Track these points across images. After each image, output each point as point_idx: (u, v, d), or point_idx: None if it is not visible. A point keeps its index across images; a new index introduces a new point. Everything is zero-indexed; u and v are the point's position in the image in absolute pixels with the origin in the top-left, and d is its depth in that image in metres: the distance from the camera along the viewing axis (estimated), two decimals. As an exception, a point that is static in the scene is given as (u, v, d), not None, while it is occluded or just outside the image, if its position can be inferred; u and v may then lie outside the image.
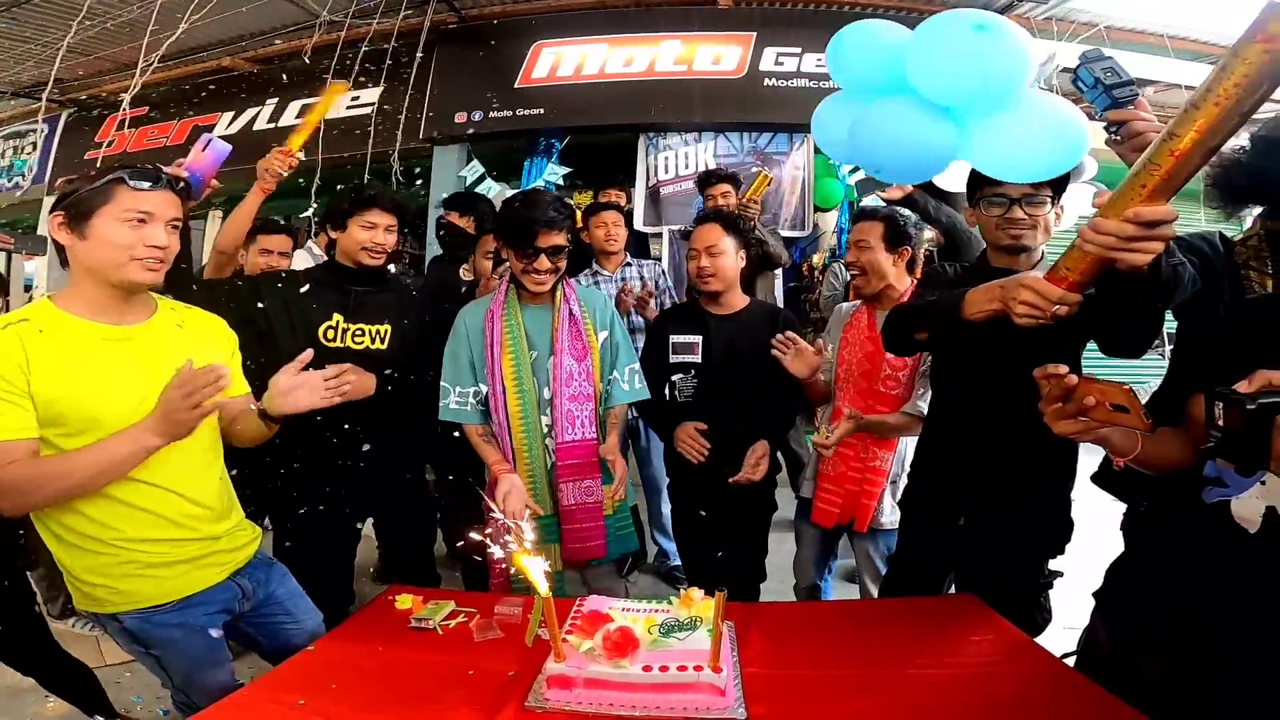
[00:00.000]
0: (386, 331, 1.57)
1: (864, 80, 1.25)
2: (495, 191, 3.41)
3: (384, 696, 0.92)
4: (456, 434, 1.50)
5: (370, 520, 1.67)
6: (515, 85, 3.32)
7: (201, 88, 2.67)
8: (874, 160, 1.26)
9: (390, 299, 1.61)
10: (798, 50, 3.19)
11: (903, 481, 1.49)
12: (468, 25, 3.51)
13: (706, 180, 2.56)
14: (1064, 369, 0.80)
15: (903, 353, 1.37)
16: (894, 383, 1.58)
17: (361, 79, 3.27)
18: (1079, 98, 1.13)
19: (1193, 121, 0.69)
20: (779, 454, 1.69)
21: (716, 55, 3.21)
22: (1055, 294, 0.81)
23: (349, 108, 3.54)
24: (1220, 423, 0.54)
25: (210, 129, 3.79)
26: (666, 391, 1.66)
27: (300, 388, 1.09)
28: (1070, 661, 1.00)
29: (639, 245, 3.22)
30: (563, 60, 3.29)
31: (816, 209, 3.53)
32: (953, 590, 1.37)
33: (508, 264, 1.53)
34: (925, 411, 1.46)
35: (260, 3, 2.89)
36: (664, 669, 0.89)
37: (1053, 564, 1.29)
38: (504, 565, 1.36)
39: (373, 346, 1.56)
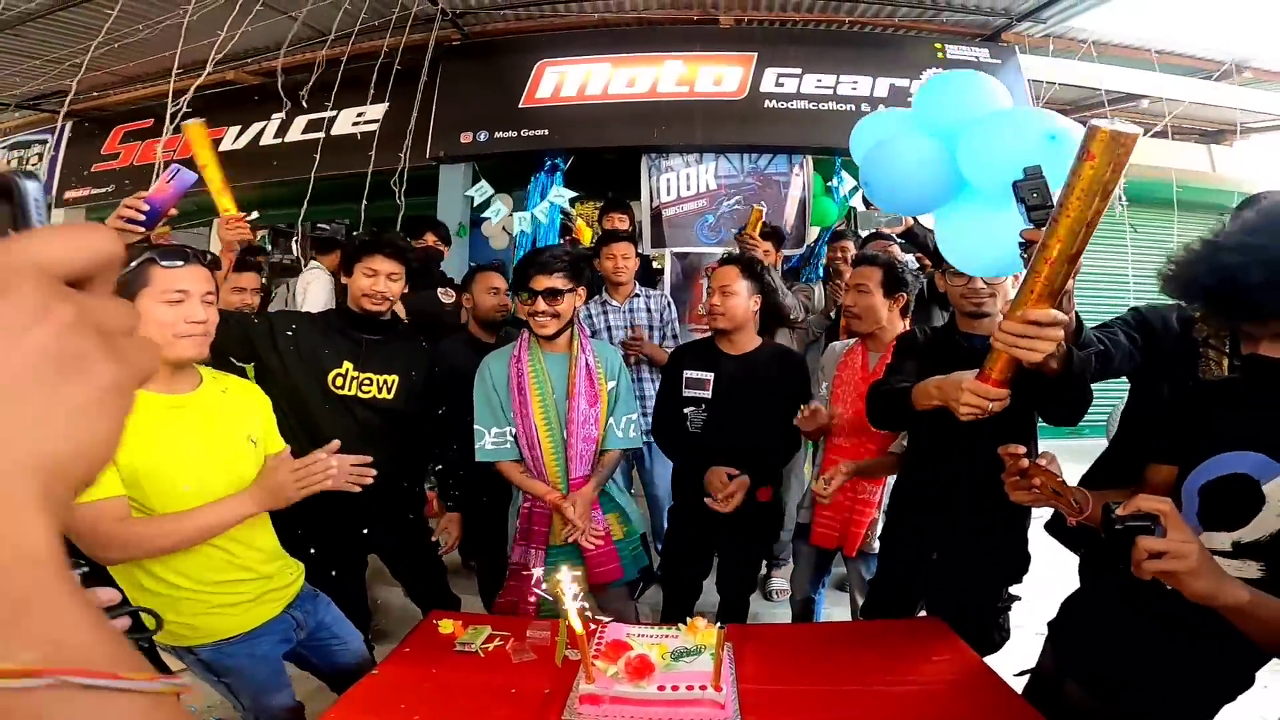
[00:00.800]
0: (394, 382, 1.70)
1: (933, 123, 1.37)
2: (503, 214, 3.59)
3: (446, 714, 1.14)
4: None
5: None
6: (520, 105, 3.47)
7: (206, 101, 2.80)
8: (883, 191, 1.44)
9: (401, 349, 1.75)
10: (798, 71, 3.35)
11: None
12: (472, 42, 3.65)
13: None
14: (1021, 450, 1.01)
15: (887, 428, 1.55)
16: None
17: (355, 94, 3.38)
18: None
19: (1055, 234, 0.86)
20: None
21: (718, 76, 3.36)
22: (993, 394, 0.99)
23: (354, 124, 3.67)
24: (1102, 530, 0.75)
25: (217, 143, 3.91)
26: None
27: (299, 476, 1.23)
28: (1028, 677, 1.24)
29: (643, 267, 3.41)
30: (566, 80, 3.44)
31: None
32: (923, 612, 1.61)
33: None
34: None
35: (266, 21, 3.01)
36: (675, 688, 1.12)
37: (1014, 589, 1.53)
38: (534, 599, 1.55)
39: (379, 396, 1.68)
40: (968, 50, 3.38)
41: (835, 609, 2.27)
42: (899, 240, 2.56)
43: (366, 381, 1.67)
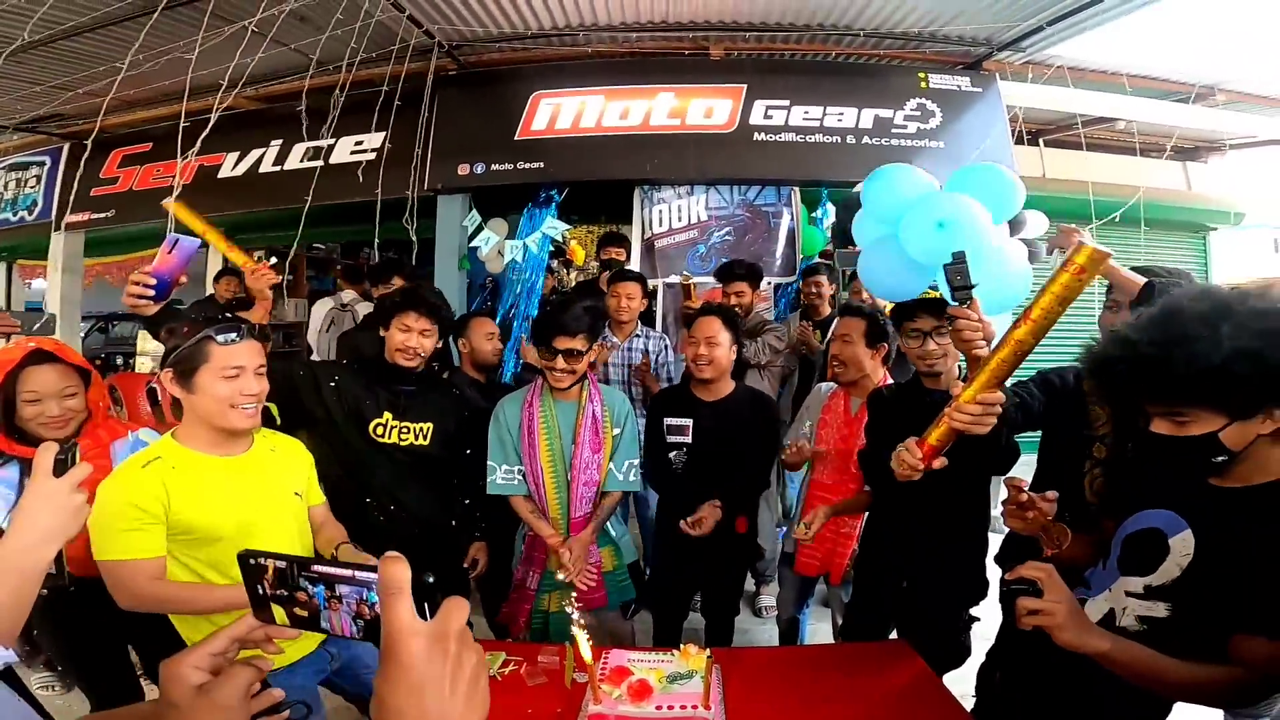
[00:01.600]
0: (429, 429, 1.88)
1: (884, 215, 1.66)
2: (494, 243, 3.79)
3: None
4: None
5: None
6: (516, 137, 3.67)
7: (205, 126, 2.96)
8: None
9: (435, 398, 1.94)
10: (786, 103, 3.57)
11: None
12: (468, 72, 3.84)
13: (726, 275, 2.93)
14: (1024, 483, 1.20)
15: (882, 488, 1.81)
16: None
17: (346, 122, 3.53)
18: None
19: (1024, 329, 1.09)
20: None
21: (709, 109, 3.58)
22: (916, 462, 1.23)
23: (353, 153, 3.86)
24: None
25: (216, 169, 4.09)
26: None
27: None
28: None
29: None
30: (561, 111, 3.64)
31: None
32: (895, 632, 1.85)
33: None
34: None
35: (264, 54, 3.18)
36: (670, 708, 1.35)
37: (974, 610, 1.77)
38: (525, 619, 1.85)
39: (417, 443, 1.87)
40: (950, 79, 3.62)
41: (820, 624, 2.52)
42: None
43: (405, 430, 1.85)
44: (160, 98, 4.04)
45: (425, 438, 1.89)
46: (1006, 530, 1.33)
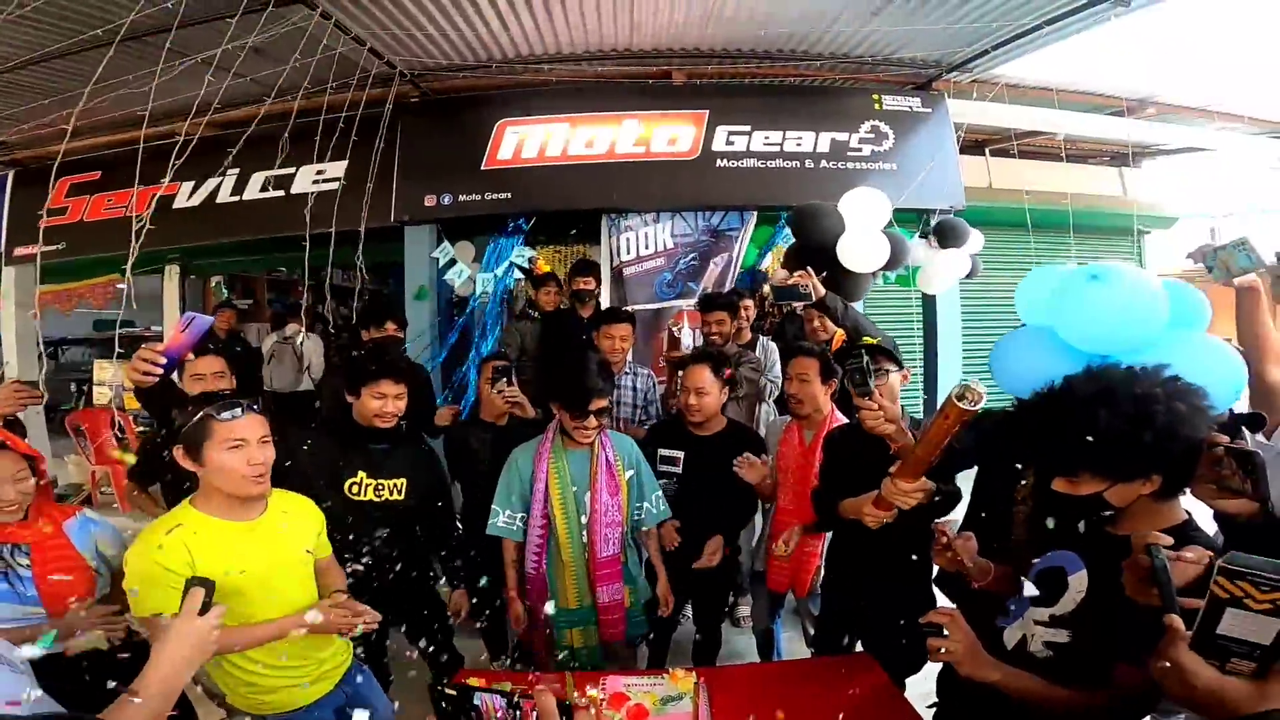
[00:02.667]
0: (403, 484, 2.07)
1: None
2: (466, 275, 3.97)
3: None
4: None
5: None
6: (482, 167, 3.84)
7: (154, 153, 3.00)
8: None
9: (407, 454, 2.13)
10: (747, 128, 3.85)
11: None
12: (431, 99, 3.98)
13: (707, 305, 3.16)
14: (946, 527, 1.48)
15: (829, 529, 2.13)
16: None
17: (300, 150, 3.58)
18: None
19: (928, 443, 1.41)
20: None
21: (673, 136, 3.82)
22: (878, 519, 1.56)
23: (314, 182, 3.96)
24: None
25: (171, 200, 4.12)
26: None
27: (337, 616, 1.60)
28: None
29: (613, 312, 3.82)
30: (527, 141, 3.83)
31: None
32: (859, 645, 2.18)
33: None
34: None
35: (219, 84, 3.26)
36: None
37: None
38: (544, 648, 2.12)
39: (391, 498, 2.05)
40: (902, 100, 3.96)
41: (793, 632, 2.86)
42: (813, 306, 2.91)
43: (380, 487, 2.05)
44: (109, 125, 4.03)
45: (400, 492, 2.08)
46: None
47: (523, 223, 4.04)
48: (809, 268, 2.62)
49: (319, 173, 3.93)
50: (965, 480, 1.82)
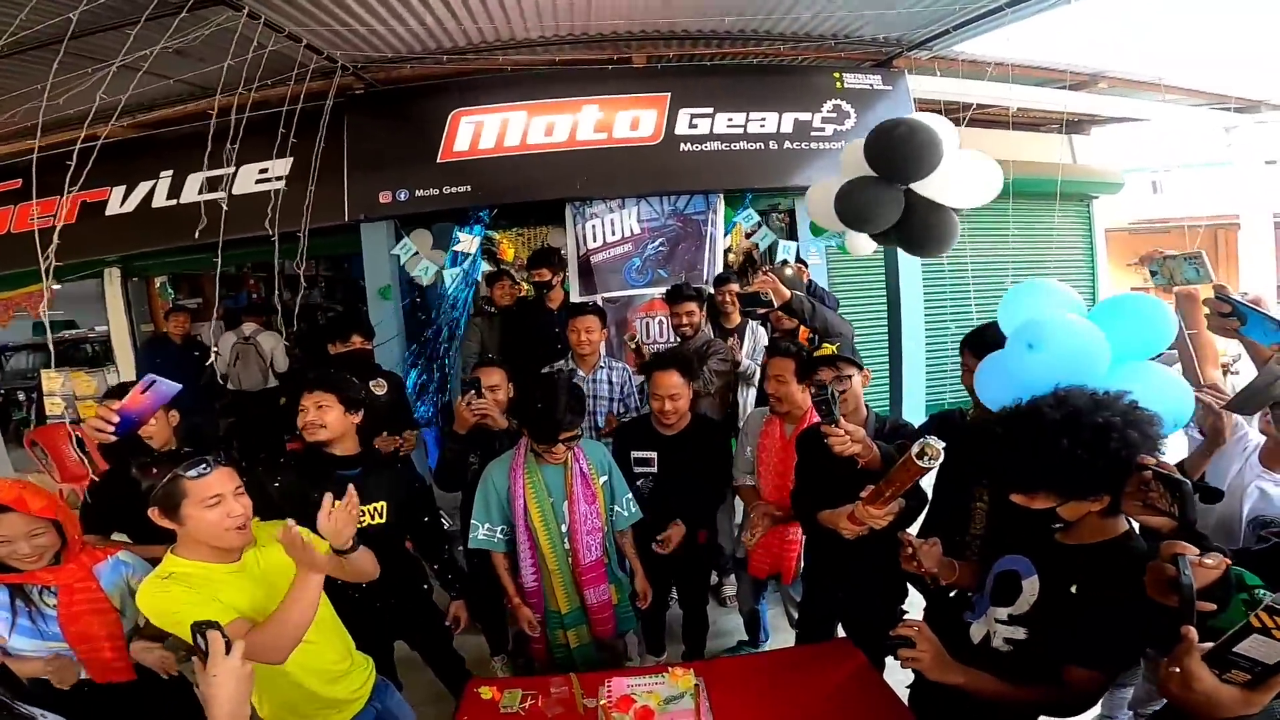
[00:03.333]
0: (383, 507, 2.14)
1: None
2: (433, 271, 3.95)
3: None
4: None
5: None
6: (438, 160, 3.78)
7: (83, 157, 2.87)
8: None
9: (383, 476, 2.17)
10: (709, 110, 3.89)
11: None
12: (378, 90, 3.84)
13: (675, 296, 3.26)
14: (911, 536, 1.69)
15: (808, 528, 2.32)
16: None
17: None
18: None
19: (893, 485, 1.59)
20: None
21: (635, 119, 3.82)
22: (854, 531, 1.77)
23: (258, 181, 3.82)
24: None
25: (102, 205, 3.91)
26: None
27: (339, 521, 1.63)
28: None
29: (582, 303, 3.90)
30: (484, 130, 3.78)
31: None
32: (840, 627, 2.43)
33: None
34: None
35: (150, 87, 3.10)
36: None
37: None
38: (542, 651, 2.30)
39: (373, 522, 2.10)
40: (863, 78, 4.05)
41: (778, 609, 3.15)
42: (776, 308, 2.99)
43: (359, 513, 2.01)
44: (28, 131, 3.75)
45: (381, 515, 2.15)
46: None
47: (484, 214, 4.01)
48: (771, 274, 2.75)
49: (262, 171, 3.79)
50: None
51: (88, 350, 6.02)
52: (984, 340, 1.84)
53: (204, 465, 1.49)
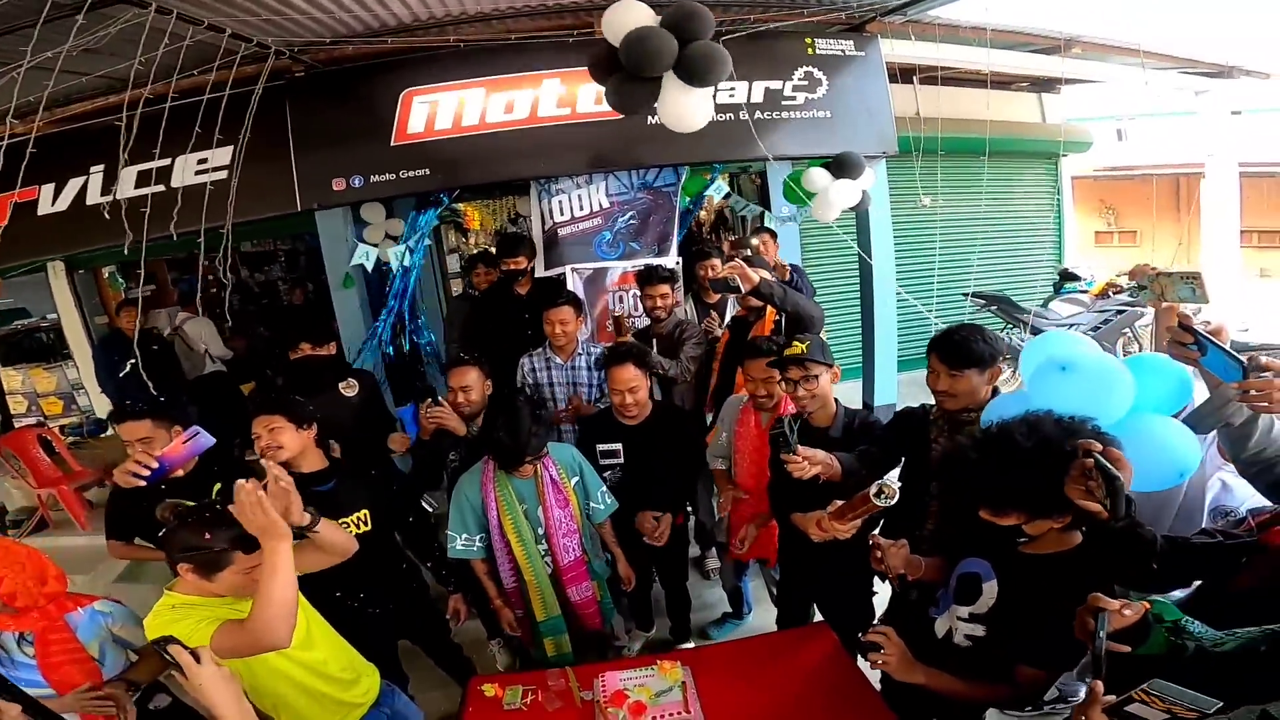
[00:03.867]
0: (366, 515, 2.21)
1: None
2: (374, 256, 3.87)
3: None
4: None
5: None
6: (392, 143, 3.63)
7: (8, 156, 2.73)
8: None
9: (358, 485, 2.24)
10: (677, 81, 3.75)
11: None
12: (320, 72, 3.63)
13: (647, 278, 3.27)
14: (881, 540, 1.80)
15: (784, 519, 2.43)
16: None
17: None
18: None
19: (854, 507, 1.69)
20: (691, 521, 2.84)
21: (599, 93, 3.68)
22: (821, 537, 1.88)
23: (198, 173, 3.63)
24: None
25: (33, 205, 3.71)
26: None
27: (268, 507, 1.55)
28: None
29: (554, 288, 3.91)
30: (439, 110, 3.63)
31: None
32: (815, 608, 2.62)
33: None
34: None
35: (66, 85, 2.91)
36: (661, 715, 1.99)
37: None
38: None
39: (359, 531, 2.18)
40: (835, 44, 3.97)
41: (759, 581, 3.32)
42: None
43: (343, 524, 2.15)
44: None
45: (366, 523, 2.22)
46: None
47: (444, 196, 3.91)
48: (739, 259, 2.79)
49: (201, 162, 3.60)
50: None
51: (43, 339, 5.80)
52: (954, 346, 1.93)
53: (251, 540, 1.50)
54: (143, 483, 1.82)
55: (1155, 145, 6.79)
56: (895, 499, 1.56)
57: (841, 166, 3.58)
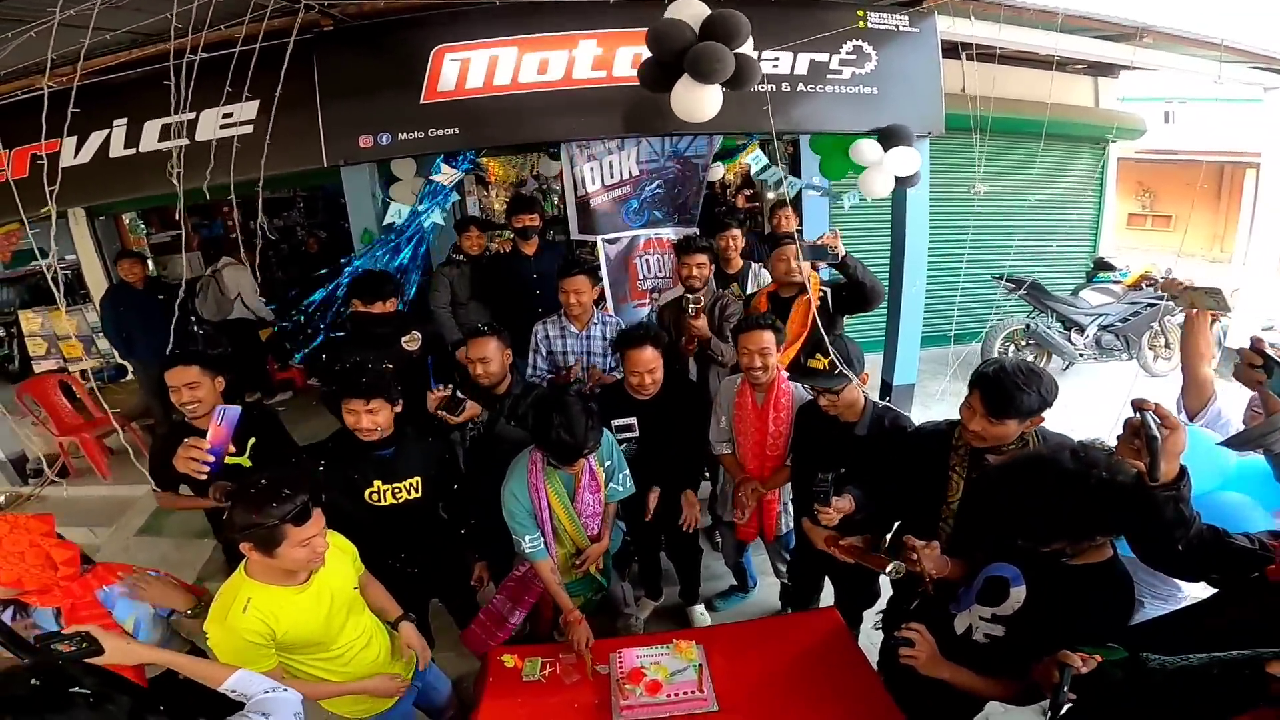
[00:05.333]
0: (418, 482, 2.35)
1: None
2: (405, 213, 3.85)
3: None
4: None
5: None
6: (421, 101, 3.56)
7: (18, 110, 2.73)
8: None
9: (416, 453, 2.37)
10: (718, 47, 3.62)
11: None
12: (350, 26, 3.53)
13: (686, 248, 3.27)
14: (913, 540, 1.86)
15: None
16: (776, 447, 2.66)
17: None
18: None
19: (869, 560, 1.81)
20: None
21: (636, 56, 3.58)
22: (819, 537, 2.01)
23: (222, 127, 3.58)
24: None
25: (55, 156, 3.68)
26: None
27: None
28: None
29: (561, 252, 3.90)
30: (470, 68, 3.54)
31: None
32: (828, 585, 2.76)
33: None
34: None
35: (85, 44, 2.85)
36: (676, 693, 2.13)
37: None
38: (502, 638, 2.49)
39: (410, 497, 2.33)
40: (889, 18, 3.81)
41: (762, 555, 3.32)
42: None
43: (397, 490, 2.32)
44: None
45: (416, 490, 2.35)
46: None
47: (471, 153, 3.86)
48: (836, 231, 2.88)
49: (225, 116, 3.54)
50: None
51: (65, 278, 5.88)
52: (1002, 395, 1.80)
53: (308, 514, 1.65)
54: (204, 476, 1.97)
55: (1204, 131, 6.50)
56: (902, 575, 1.73)
57: (891, 138, 3.50)
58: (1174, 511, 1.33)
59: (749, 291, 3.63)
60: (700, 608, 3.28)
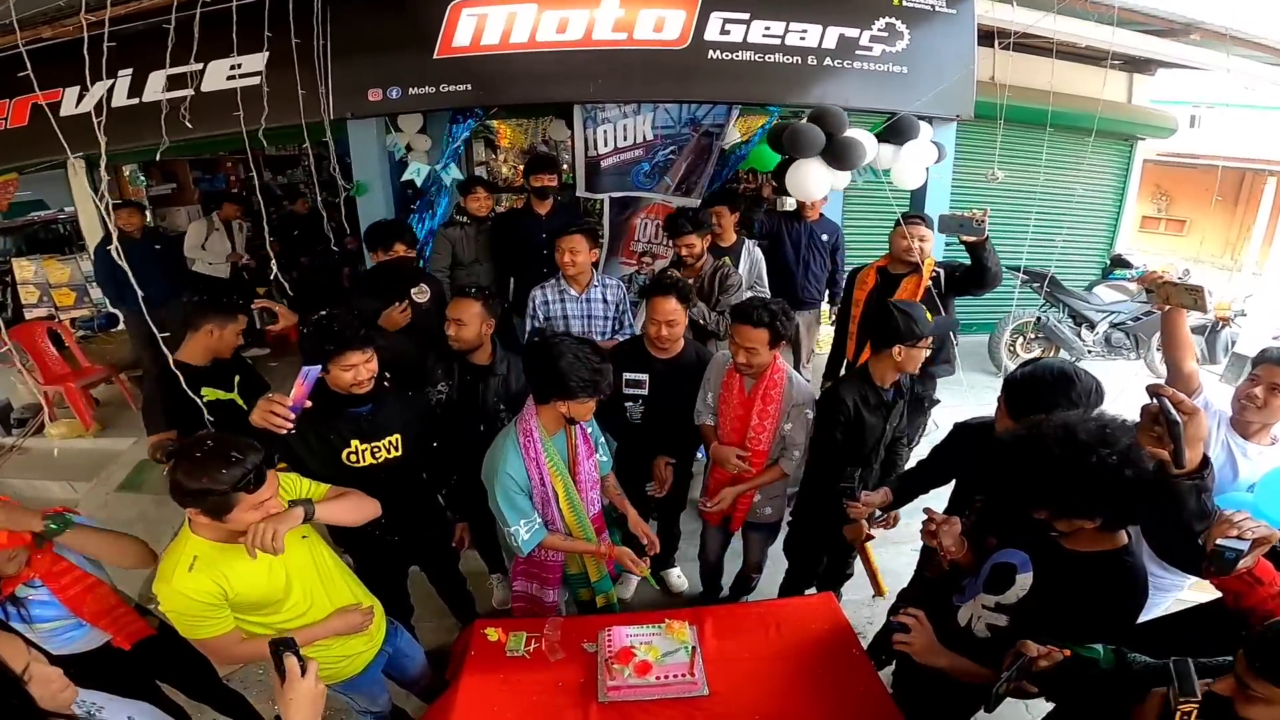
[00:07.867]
0: (398, 440, 2.23)
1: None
2: (425, 172, 3.72)
3: (528, 710, 2.00)
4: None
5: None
6: (435, 55, 3.41)
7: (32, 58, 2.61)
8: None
9: (394, 410, 2.24)
10: (745, 16, 3.50)
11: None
12: (361, -24, 3.36)
13: (675, 229, 3.14)
14: (935, 514, 1.84)
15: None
16: (759, 441, 2.51)
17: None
18: None
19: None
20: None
21: (659, 20, 3.43)
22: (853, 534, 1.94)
23: (229, 78, 3.44)
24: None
25: (56, 106, 3.55)
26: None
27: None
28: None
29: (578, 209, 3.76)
30: (487, 24, 3.39)
31: (752, 170, 4.15)
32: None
33: None
34: (787, 471, 2.56)
35: None
36: (665, 675, 2.05)
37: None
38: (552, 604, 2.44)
39: (390, 456, 2.21)
40: (924, -2, 3.61)
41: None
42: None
43: (376, 449, 2.20)
44: None
45: (397, 448, 2.24)
46: None
47: (481, 111, 3.72)
48: (986, 209, 2.75)
49: (233, 67, 3.40)
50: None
51: (60, 230, 5.73)
52: (1034, 397, 1.77)
53: (262, 481, 1.53)
54: (284, 432, 1.89)
55: (1228, 137, 6.32)
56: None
57: (893, 133, 3.36)
58: (1197, 502, 1.29)
59: (741, 267, 3.51)
60: (677, 570, 3.19)
